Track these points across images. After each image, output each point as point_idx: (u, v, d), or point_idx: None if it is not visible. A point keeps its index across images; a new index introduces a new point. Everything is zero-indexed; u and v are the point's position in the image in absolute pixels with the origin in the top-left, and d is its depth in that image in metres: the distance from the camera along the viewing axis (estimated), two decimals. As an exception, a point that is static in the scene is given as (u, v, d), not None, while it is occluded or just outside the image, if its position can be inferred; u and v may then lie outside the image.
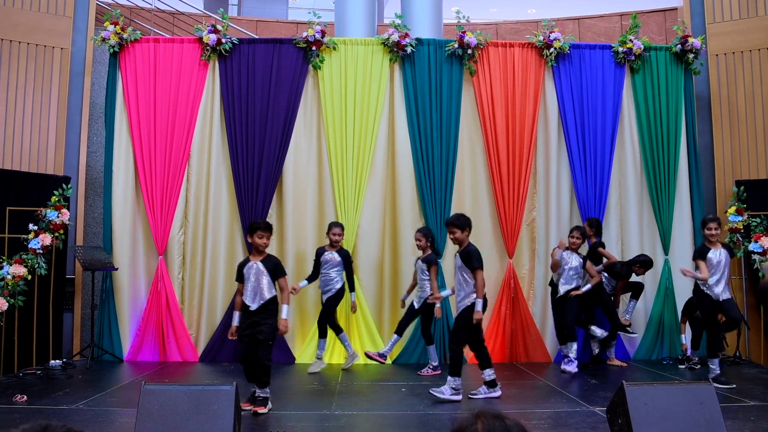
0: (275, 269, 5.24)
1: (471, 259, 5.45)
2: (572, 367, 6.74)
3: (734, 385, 5.92)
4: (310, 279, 6.91)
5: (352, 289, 6.96)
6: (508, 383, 6.31)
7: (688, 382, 5.87)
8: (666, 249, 7.79)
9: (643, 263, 7.23)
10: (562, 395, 5.72)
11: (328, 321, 6.83)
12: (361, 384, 6.32)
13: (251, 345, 5.11)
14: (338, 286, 6.81)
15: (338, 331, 6.91)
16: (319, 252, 6.95)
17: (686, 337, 7.21)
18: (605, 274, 7.27)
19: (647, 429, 3.61)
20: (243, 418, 4.17)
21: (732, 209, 7.69)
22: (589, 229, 7.27)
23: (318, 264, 6.88)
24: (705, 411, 3.70)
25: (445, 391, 5.45)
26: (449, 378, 5.49)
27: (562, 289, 6.87)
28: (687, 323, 7.22)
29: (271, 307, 5.19)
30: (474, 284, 5.45)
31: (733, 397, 5.47)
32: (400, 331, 6.78)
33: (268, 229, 5.34)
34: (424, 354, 7.37)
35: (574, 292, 6.80)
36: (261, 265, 5.21)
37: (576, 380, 6.46)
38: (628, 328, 7.31)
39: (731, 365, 7.05)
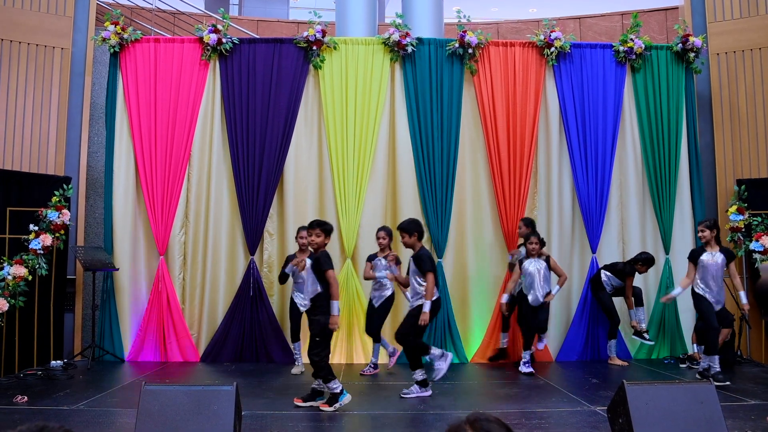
0: (314, 263, 5.30)
1: (422, 263, 5.57)
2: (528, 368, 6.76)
3: (728, 383, 5.97)
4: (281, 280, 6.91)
5: None
6: (510, 382, 6.32)
7: (689, 381, 5.87)
8: (667, 248, 7.79)
9: (645, 261, 7.21)
10: (563, 394, 5.72)
11: (297, 327, 6.82)
12: (361, 384, 6.32)
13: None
14: None
15: (295, 339, 6.93)
16: (291, 260, 6.70)
17: (697, 347, 7.11)
18: (607, 273, 7.26)
19: (648, 428, 3.60)
20: (243, 418, 4.17)
21: (733, 208, 7.69)
22: (525, 227, 7.18)
23: (285, 274, 6.74)
24: (705, 410, 3.69)
25: (413, 390, 5.57)
26: (413, 373, 5.64)
27: (533, 296, 6.79)
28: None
29: (318, 303, 5.27)
30: (425, 287, 5.56)
31: (734, 396, 5.47)
32: (377, 338, 6.81)
33: (314, 226, 5.37)
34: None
35: (547, 298, 6.79)
36: (308, 261, 5.40)
37: (577, 380, 6.45)
38: (645, 335, 7.23)
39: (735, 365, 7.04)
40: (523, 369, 6.71)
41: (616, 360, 7.20)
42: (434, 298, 5.58)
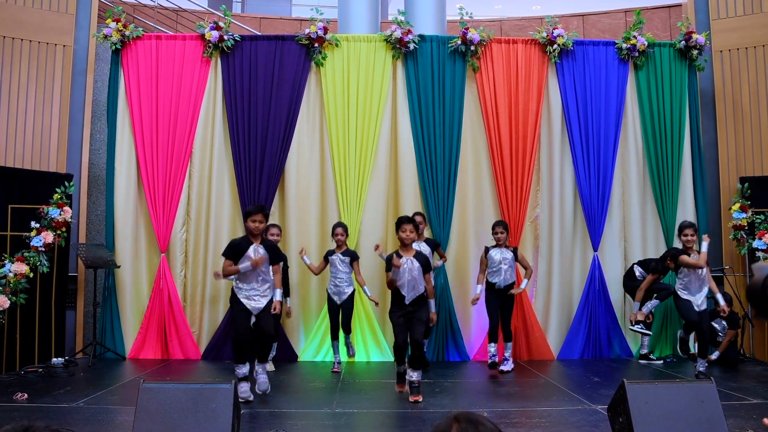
0: (424, 265, 5.62)
1: (277, 254, 5.65)
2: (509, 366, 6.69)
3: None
4: None
5: (287, 293, 6.81)
6: (511, 381, 6.30)
7: (690, 380, 5.85)
8: (669, 246, 7.73)
9: (674, 256, 7.11)
10: (564, 393, 5.70)
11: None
12: (363, 382, 6.31)
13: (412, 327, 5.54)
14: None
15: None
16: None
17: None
18: (640, 269, 7.22)
19: (648, 427, 3.58)
20: (242, 417, 4.16)
21: (736, 206, 7.66)
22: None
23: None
24: (706, 409, 3.67)
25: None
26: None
27: (498, 279, 6.59)
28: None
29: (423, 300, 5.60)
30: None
31: (736, 395, 5.44)
32: (347, 330, 6.80)
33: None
34: (435, 351, 7.37)
35: (513, 290, 6.65)
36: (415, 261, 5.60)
37: (578, 378, 6.44)
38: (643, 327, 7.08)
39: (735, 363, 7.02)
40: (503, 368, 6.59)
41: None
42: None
